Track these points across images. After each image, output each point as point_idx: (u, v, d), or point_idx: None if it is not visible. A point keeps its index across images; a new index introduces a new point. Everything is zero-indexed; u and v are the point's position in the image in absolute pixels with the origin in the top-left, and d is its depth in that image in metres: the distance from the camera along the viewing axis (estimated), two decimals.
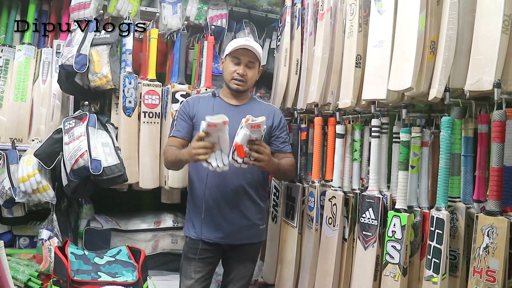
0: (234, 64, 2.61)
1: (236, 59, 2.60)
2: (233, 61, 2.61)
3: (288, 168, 2.67)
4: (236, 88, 2.61)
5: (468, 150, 2.03)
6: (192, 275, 2.59)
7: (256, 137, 2.30)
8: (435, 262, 1.94)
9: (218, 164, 2.27)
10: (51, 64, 3.41)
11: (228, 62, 2.63)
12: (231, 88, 2.63)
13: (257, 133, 2.29)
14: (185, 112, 2.64)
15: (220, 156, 2.29)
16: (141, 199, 3.81)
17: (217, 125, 2.20)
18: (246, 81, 2.61)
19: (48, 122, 3.35)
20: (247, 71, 2.60)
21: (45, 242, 3.00)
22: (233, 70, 2.60)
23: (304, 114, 3.11)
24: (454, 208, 2.01)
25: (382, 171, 2.43)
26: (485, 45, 1.78)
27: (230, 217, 2.59)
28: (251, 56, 2.60)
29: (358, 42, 2.44)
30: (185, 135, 2.63)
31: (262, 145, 2.33)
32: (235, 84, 2.60)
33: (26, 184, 2.95)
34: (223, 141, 2.28)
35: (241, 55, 2.59)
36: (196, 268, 2.59)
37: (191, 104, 2.66)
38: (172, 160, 2.56)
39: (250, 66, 2.61)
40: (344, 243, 2.57)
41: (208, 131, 2.23)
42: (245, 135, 2.25)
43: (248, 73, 2.61)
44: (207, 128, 2.21)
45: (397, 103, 2.25)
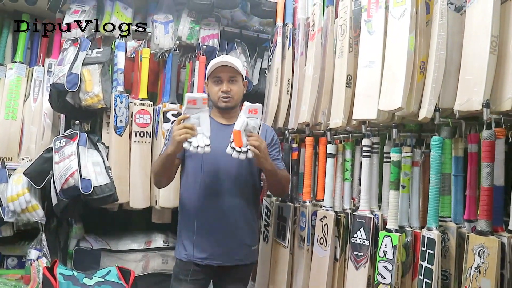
0: (217, 84, 2.59)
1: (217, 78, 2.58)
2: (215, 82, 2.59)
3: (283, 178, 2.64)
4: (225, 105, 2.60)
5: (459, 170, 2.04)
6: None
7: (253, 125, 2.32)
8: (426, 282, 1.93)
9: (199, 143, 2.25)
10: (42, 83, 3.41)
11: (211, 84, 2.62)
12: (220, 108, 2.62)
13: (253, 121, 2.32)
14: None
15: (202, 137, 2.29)
16: (132, 219, 3.77)
17: (196, 100, 2.24)
18: (233, 96, 2.59)
19: (39, 141, 3.33)
20: (231, 86, 2.58)
21: (33, 262, 2.96)
22: (217, 89, 2.58)
23: (295, 134, 3.11)
24: (445, 228, 2.01)
25: (373, 191, 2.42)
26: (473, 66, 1.80)
27: (222, 238, 2.55)
28: (231, 71, 2.58)
29: (349, 62, 2.45)
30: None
31: (258, 137, 2.34)
32: (223, 102, 2.59)
33: (15, 203, 2.92)
34: (204, 123, 2.29)
35: (221, 73, 2.57)
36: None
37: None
38: (158, 163, 2.52)
39: (232, 81, 2.59)
40: (335, 263, 2.55)
41: (188, 110, 2.27)
42: (244, 121, 2.28)
43: (233, 88, 2.59)
44: (187, 104, 2.25)
45: (387, 123, 2.26)
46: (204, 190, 2.51)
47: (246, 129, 2.31)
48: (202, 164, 2.51)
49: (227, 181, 2.53)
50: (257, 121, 2.35)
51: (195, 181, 2.54)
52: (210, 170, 2.50)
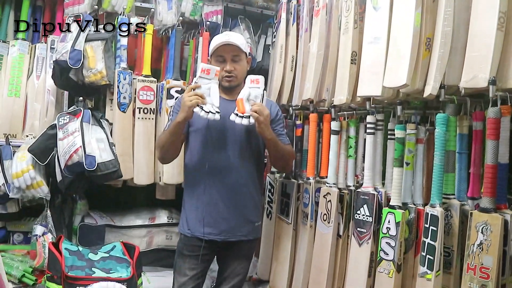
0: (220, 62, 2.56)
1: (220, 57, 2.55)
2: (218, 60, 2.56)
3: (286, 152, 2.64)
4: (229, 85, 2.58)
5: (463, 147, 2.03)
6: (186, 272, 2.58)
7: (256, 94, 2.42)
8: (429, 259, 1.94)
9: (210, 109, 2.35)
10: (45, 60, 3.41)
11: (214, 62, 2.59)
12: (223, 86, 2.59)
13: (256, 91, 2.43)
14: (180, 107, 2.58)
15: (212, 107, 2.38)
16: (136, 195, 3.80)
17: (210, 70, 2.38)
18: (236, 75, 2.57)
19: (42, 118, 3.35)
20: (234, 65, 2.56)
21: (39, 238, 3.00)
22: (220, 68, 2.54)
23: (299, 111, 3.10)
24: (448, 205, 2.01)
25: (377, 168, 2.42)
26: (480, 42, 1.78)
27: (226, 214, 2.56)
28: (234, 50, 2.55)
29: (354, 38, 2.43)
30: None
31: (260, 105, 2.40)
32: (227, 81, 2.57)
33: (20, 180, 2.94)
34: (214, 94, 2.39)
35: (224, 52, 2.54)
36: (190, 265, 2.57)
37: None
38: (165, 134, 2.53)
39: (236, 60, 2.56)
40: (338, 240, 2.57)
41: (200, 80, 2.37)
42: (246, 91, 2.41)
43: (236, 67, 2.57)
44: (200, 73, 2.38)
45: (392, 100, 2.25)
46: (208, 166, 2.51)
47: (249, 98, 2.41)
48: (207, 139, 2.52)
49: (231, 157, 2.53)
50: (259, 90, 2.44)
51: (199, 157, 2.54)
52: (214, 146, 2.51)
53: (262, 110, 2.38)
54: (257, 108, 2.36)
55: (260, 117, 2.36)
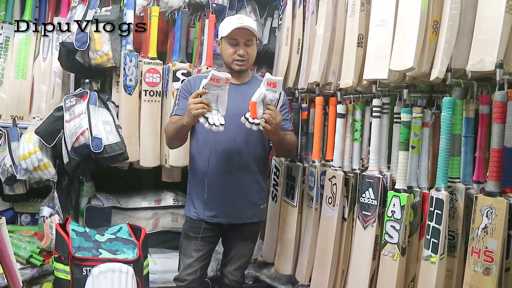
0: (233, 46, 2.56)
1: (234, 40, 2.55)
2: (230, 43, 2.56)
3: (291, 144, 2.66)
4: (239, 69, 2.58)
5: (469, 131, 2.03)
6: (192, 253, 2.61)
7: (271, 98, 2.32)
8: (433, 242, 1.95)
9: (214, 122, 2.27)
10: (51, 42, 3.40)
11: (226, 44, 2.58)
12: (233, 70, 2.58)
13: (272, 94, 2.31)
14: (187, 91, 2.59)
15: (217, 116, 2.29)
16: (142, 177, 3.81)
17: (220, 79, 2.22)
18: (248, 59, 2.58)
19: (49, 100, 3.36)
20: (247, 49, 2.57)
21: (46, 219, 3.02)
22: (233, 51, 2.55)
23: (305, 94, 3.09)
24: (453, 188, 2.01)
25: (383, 151, 2.43)
26: (488, 25, 1.76)
27: (232, 196, 2.59)
28: (248, 34, 2.55)
29: (360, 21, 2.41)
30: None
31: (274, 110, 2.35)
32: (238, 65, 2.57)
33: (27, 162, 2.96)
34: (222, 101, 2.30)
35: (238, 36, 2.54)
36: (196, 247, 2.60)
37: (193, 83, 2.62)
38: (172, 130, 2.53)
39: (248, 44, 2.57)
40: (343, 223, 2.58)
41: (208, 86, 2.25)
42: (261, 94, 2.29)
43: (248, 51, 2.57)
44: (209, 81, 2.23)
45: (398, 83, 2.24)
46: (214, 149, 2.52)
47: (264, 101, 2.32)
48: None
49: (237, 141, 2.54)
50: (276, 94, 2.34)
51: (205, 140, 2.55)
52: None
53: (274, 117, 2.34)
54: (267, 117, 2.32)
55: (269, 127, 2.33)
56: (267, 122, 2.32)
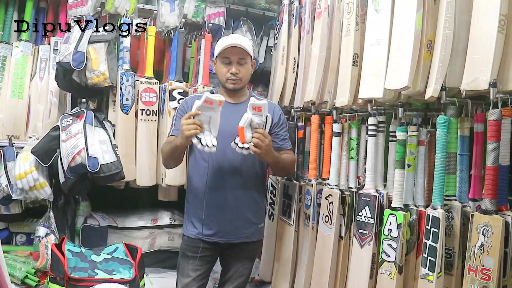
0: (226, 64, 2.56)
1: (227, 59, 2.55)
2: (223, 62, 2.56)
3: (288, 163, 2.65)
4: (233, 87, 2.58)
5: (464, 149, 2.04)
6: (190, 273, 2.58)
7: (258, 122, 2.31)
8: (430, 260, 1.94)
9: (207, 143, 2.26)
10: (48, 61, 3.42)
11: (219, 63, 2.59)
12: (228, 89, 2.59)
13: (258, 118, 2.31)
14: (184, 111, 2.56)
15: (210, 137, 2.29)
16: (138, 196, 3.80)
17: (213, 102, 2.22)
18: (241, 78, 2.57)
19: (45, 119, 3.36)
20: (240, 68, 2.56)
21: (42, 239, 3.01)
22: (226, 70, 2.55)
23: (301, 112, 3.11)
24: (449, 206, 2.02)
25: (379, 170, 2.43)
26: (481, 44, 1.78)
27: (230, 215, 2.56)
28: (241, 52, 2.55)
29: (355, 40, 2.44)
30: None
31: (262, 133, 2.33)
32: (231, 84, 2.57)
33: (23, 181, 2.95)
34: (214, 123, 2.29)
35: (230, 54, 2.54)
36: (194, 266, 2.58)
37: (190, 103, 2.56)
38: (167, 150, 2.53)
39: (241, 63, 2.56)
40: (340, 241, 2.57)
41: (202, 108, 2.24)
42: (248, 118, 2.28)
43: (241, 70, 2.56)
44: (203, 103, 2.22)
45: (393, 101, 2.26)
46: (211, 169, 2.52)
47: (252, 125, 2.32)
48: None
49: (234, 159, 2.53)
50: (262, 118, 2.33)
51: (202, 160, 2.55)
52: (217, 149, 2.50)
53: (263, 139, 2.33)
54: (256, 141, 2.31)
55: (258, 150, 2.32)
56: (256, 146, 2.32)
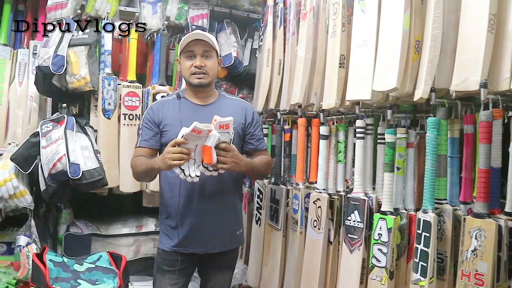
0: (190, 58, 2.41)
1: (190, 52, 2.40)
2: (187, 56, 2.41)
3: (263, 167, 2.52)
4: (199, 82, 2.41)
5: (454, 151, 2.01)
6: (167, 287, 2.46)
7: (225, 139, 2.18)
8: (422, 265, 1.91)
9: (190, 173, 2.14)
10: (27, 66, 3.35)
11: (183, 59, 2.44)
12: (193, 85, 2.43)
13: (225, 135, 2.17)
14: (150, 120, 2.45)
15: (193, 167, 2.16)
16: (122, 203, 3.74)
17: (201, 132, 2.07)
18: (207, 72, 2.41)
19: (25, 125, 3.28)
20: (205, 61, 2.40)
21: (23, 248, 2.93)
22: (190, 64, 2.40)
23: (287, 115, 3.08)
24: (441, 210, 1.98)
25: (367, 173, 2.40)
26: (470, 45, 1.76)
27: (205, 225, 2.43)
28: (205, 45, 2.40)
29: (342, 41, 2.40)
30: (152, 144, 2.44)
31: (225, 148, 2.18)
32: (196, 78, 2.40)
33: (2, 189, 2.87)
34: (199, 151, 2.14)
35: (194, 47, 2.39)
36: (171, 281, 2.45)
37: (156, 110, 2.47)
38: (142, 170, 2.36)
39: (206, 55, 2.41)
40: (329, 246, 2.53)
41: (188, 137, 2.09)
42: (215, 137, 2.12)
43: (207, 64, 2.40)
44: (190, 133, 2.07)
45: (381, 103, 2.22)
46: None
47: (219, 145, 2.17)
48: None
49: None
50: (229, 135, 2.20)
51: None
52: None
53: (230, 155, 2.19)
54: (223, 159, 2.17)
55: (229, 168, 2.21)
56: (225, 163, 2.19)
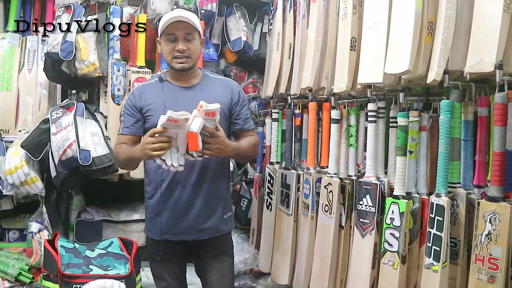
0: (171, 42, 2.27)
1: (172, 35, 2.26)
2: (168, 39, 2.27)
3: (250, 149, 2.40)
4: (181, 67, 2.28)
5: (468, 134, 1.98)
6: (165, 276, 2.40)
7: (211, 126, 2.08)
8: (435, 249, 1.89)
9: (173, 163, 2.04)
10: (36, 52, 3.35)
11: (164, 42, 2.30)
12: (176, 69, 2.31)
13: (211, 122, 2.07)
14: (131, 106, 2.34)
15: (176, 155, 2.06)
16: (133, 189, 3.72)
17: (178, 121, 1.96)
18: (190, 55, 2.28)
19: (35, 112, 3.29)
20: (187, 44, 2.26)
21: (35, 235, 2.95)
22: (171, 48, 2.27)
23: (298, 100, 3.04)
24: (454, 194, 1.95)
25: (379, 157, 2.37)
26: (486, 25, 1.72)
27: (190, 211, 2.32)
28: (187, 27, 2.26)
29: (353, 24, 2.36)
30: (135, 131, 2.33)
31: (211, 133, 2.08)
32: (178, 63, 2.27)
33: (13, 176, 2.89)
34: (181, 139, 2.03)
35: (175, 30, 2.25)
36: (167, 270, 2.39)
37: (137, 95, 2.36)
38: (123, 158, 2.28)
39: (188, 38, 2.27)
40: (341, 231, 2.52)
41: (166, 125, 1.99)
42: (201, 123, 2.01)
43: (189, 47, 2.27)
44: (167, 122, 1.97)
45: (393, 86, 2.19)
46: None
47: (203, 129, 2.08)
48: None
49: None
50: (215, 122, 2.10)
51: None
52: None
53: (215, 141, 2.10)
54: (209, 146, 2.07)
55: (213, 152, 2.11)
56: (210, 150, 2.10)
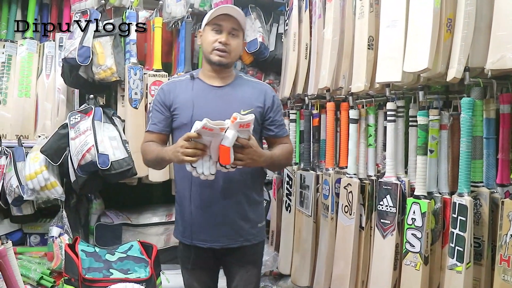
0: (215, 32, 2.19)
1: (217, 26, 2.19)
2: (214, 29, 2.19)
3: (284, 157, 2.30)
4: (219, 60, 2.19)
5: (490, 132, 1.94)
6: (194, 284, 2.33)
7: (244, 137, 1.96)
8: (458, 250, 1.86)
9: (204, 171, 1.94)
10: (54, 58, 3.37)
11: (208, 32, 2.21)
12: (212, 62, 2.21)
13: (245, 133, 1.96)
14: (161, 102, 2.25)
15: (208, 163, 1.95)
16: (152, 192, 3.76)
17: (213, 129, 1.86)
18: (230, 51, 2.20)
19: (54, 117, 3.31)
20: (231, 40, 2.19)
21: (55, 239, 2.98)
22: (214, 39, 2.18)
23: (315, 100, 3.03)
24: (477, 193, 1.92)
25: (399, 157, 2.34)
26: (507, 20, 1.68)
27: (222, 217, 2.21)
28: (235, 23, 2.20)
29: (370, 23, 2.34)
30: (162, 128, 2.25)
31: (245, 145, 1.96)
32: (217, 55, 2.18)
33: (34, 181, 2.91)
34: (214, 148, 1.92)
35: (223, 22, 2.18)
36: (197, 277, 2.33)
37: (167, 91, 2.27)
38: (152, 158, 2.20)
39: (234, 34, 2.21)
40: (361, 232, 2.49)
41: (200, 132, 1.89)
42: (234, 137, 1.90)
43: (232, 43, 2.20)
44: (201, 129, 1.87)
45: (412, 85, 2.16)
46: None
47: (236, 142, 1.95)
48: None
49: None
50: (249, 132, 1.98)
51: None
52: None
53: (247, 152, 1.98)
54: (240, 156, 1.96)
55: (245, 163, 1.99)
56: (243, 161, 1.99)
